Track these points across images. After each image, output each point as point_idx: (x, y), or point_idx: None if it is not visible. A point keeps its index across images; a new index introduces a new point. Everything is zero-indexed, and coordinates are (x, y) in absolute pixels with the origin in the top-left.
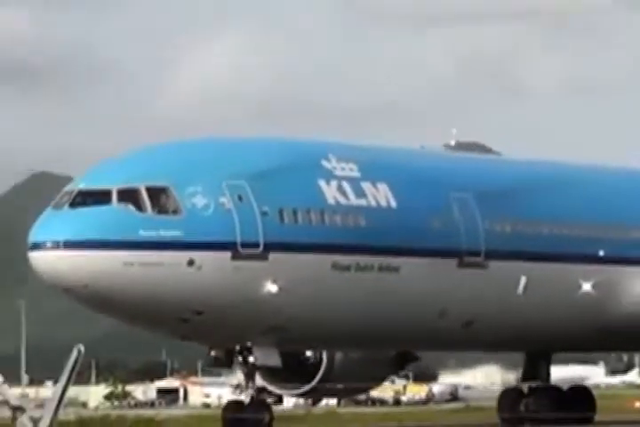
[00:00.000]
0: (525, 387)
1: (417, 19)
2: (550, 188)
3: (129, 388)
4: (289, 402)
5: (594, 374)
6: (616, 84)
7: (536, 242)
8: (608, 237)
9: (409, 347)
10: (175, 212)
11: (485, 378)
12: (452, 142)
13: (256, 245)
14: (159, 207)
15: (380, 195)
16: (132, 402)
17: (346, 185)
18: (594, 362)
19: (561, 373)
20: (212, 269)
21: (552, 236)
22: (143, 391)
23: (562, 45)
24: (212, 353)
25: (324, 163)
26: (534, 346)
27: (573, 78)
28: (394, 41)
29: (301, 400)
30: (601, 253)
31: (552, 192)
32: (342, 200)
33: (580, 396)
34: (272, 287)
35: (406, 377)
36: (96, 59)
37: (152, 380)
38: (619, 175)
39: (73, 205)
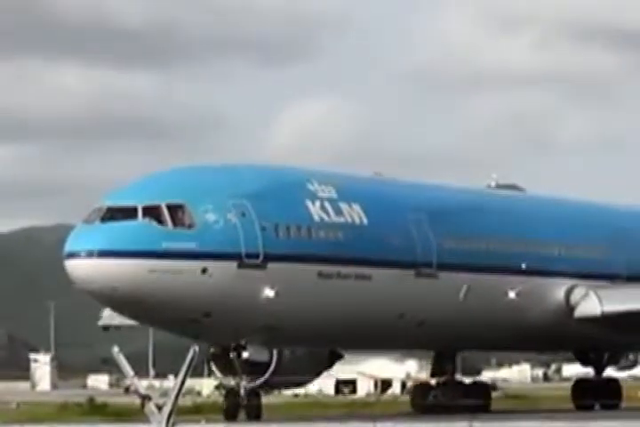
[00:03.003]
0: (434, 381)
1: (469, 84)
2: (486, 211)
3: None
4: (362, 391)
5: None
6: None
7: (474, 256)
8: (529, 252)
9: (373, 345)
10: (190, 226)
11: (519, 374)
12: (493, 184)
13: (257, 256)
14: (177, 222)
15: (355, 213)
16: None
17: (327, 205)
18: None
19: (580, 369)
20: (221, 277)
21: (487, 251)
22: None
23: (590, 106)
24: (211, 350)
25: (309, 186)
26: (472, 344)
27: (601, 134)
28: (449, 101)
29: (372, 389)
30: (523, 266)
31: (487, 215)
32: (325, 218)
33: (479, 389)
34: (270, 292)
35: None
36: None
37: None
38: (545, 202)
39: (103, 219)
